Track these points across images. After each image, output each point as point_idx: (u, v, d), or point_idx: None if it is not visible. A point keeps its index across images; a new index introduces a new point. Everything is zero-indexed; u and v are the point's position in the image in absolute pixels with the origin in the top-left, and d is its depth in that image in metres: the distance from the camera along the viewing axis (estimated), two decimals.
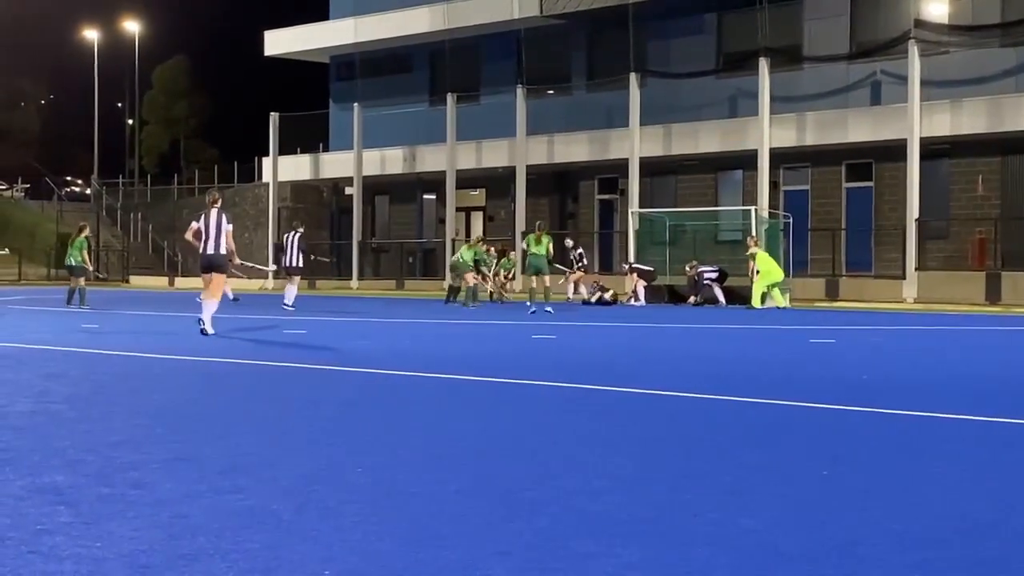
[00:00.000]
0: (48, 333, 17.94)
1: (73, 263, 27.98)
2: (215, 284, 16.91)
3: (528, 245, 26.60)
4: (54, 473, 5.92)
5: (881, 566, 4.28)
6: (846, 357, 14.79)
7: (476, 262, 30.98)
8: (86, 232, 29.18)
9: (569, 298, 32.34)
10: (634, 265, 33.28)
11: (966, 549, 4.55)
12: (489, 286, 32.81)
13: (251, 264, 28.39)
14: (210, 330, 16.55)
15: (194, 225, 17.06)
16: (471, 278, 29.79)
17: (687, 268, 32.03)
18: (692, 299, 31.12)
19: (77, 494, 5.42)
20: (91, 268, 28.38)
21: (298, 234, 28.17)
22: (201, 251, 16.93)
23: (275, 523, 4.87)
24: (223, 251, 16.81)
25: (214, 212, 16.89)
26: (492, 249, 34.10)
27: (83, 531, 4.70)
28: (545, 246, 26.06)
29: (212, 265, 16.88)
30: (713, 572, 4.21)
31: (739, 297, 30.65)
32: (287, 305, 26.07)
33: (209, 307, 16.77)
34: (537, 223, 29.25)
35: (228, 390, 10.30)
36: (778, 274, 29.49)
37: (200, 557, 4.32)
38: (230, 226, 16.98)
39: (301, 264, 27.89)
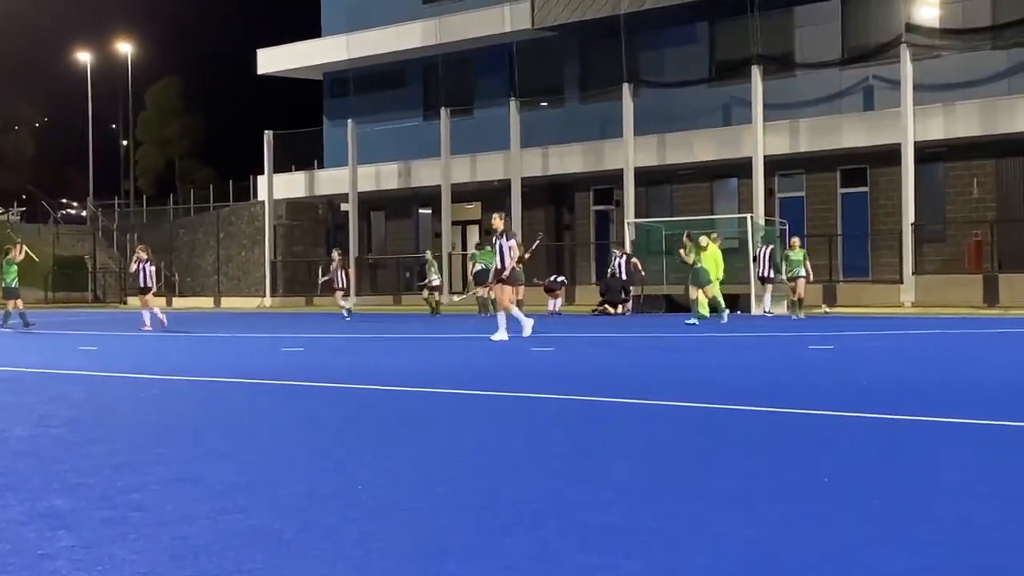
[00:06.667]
0: (47, 356, 17.92)
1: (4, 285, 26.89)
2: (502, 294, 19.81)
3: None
4: (55, 497, 5.90)
5: (884, 572, 4.27)
6: (845, 363, 14.79)
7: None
8: (12, 253, 27.32)
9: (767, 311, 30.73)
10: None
11: (968, 554, 4.54)
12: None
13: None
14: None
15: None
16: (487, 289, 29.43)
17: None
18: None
19: (78, 518, 5.40)
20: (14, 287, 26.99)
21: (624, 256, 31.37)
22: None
23: (277, 542, 4.86)
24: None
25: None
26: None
27: (85, 555, 4.69)
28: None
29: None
30: None
31: (737, 305, 30.71)
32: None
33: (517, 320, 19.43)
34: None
35: (227, 409, 10.28)
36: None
37: None
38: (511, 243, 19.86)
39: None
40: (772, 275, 29.65)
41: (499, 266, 19.64)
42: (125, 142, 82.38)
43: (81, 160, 75.04)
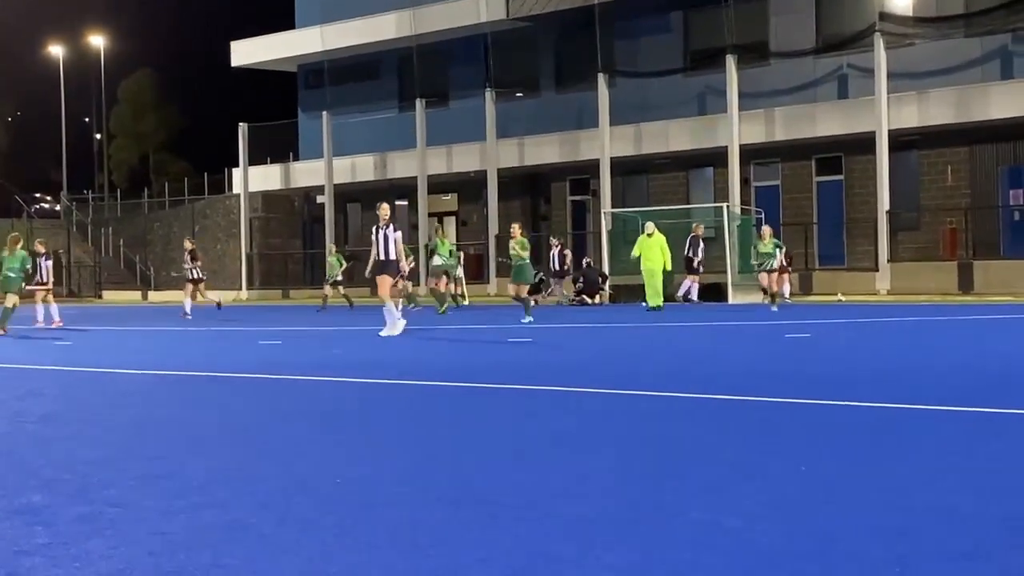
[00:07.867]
0: (21, 352, 17.81)
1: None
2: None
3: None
4: (31, 494, 5.87)
5: (862, 560, 4.29)
6: (822, 351, 14.84)
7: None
8: (20, 244, 23.94)
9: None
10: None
11: (945, 541, 4.56)
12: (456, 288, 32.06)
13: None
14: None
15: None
16: (443, 284, 29.38)
17: (697, 227, 31.68)
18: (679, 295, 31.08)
19: (54, 514, 5.37)
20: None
21: None
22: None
23: (255, 537, 4.85)
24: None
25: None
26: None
27: (61, 551, 4.66)
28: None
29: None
30: (696, 573, 4.21)
31: (713, 294, 30.83)
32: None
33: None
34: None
35: (203, 404, 10.25)
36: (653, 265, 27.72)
37: (181, 574, 4.30)
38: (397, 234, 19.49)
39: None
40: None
41: (381, 257, 18.93)
42: (99, 136, 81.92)
43: (54, 154, 74.60)
